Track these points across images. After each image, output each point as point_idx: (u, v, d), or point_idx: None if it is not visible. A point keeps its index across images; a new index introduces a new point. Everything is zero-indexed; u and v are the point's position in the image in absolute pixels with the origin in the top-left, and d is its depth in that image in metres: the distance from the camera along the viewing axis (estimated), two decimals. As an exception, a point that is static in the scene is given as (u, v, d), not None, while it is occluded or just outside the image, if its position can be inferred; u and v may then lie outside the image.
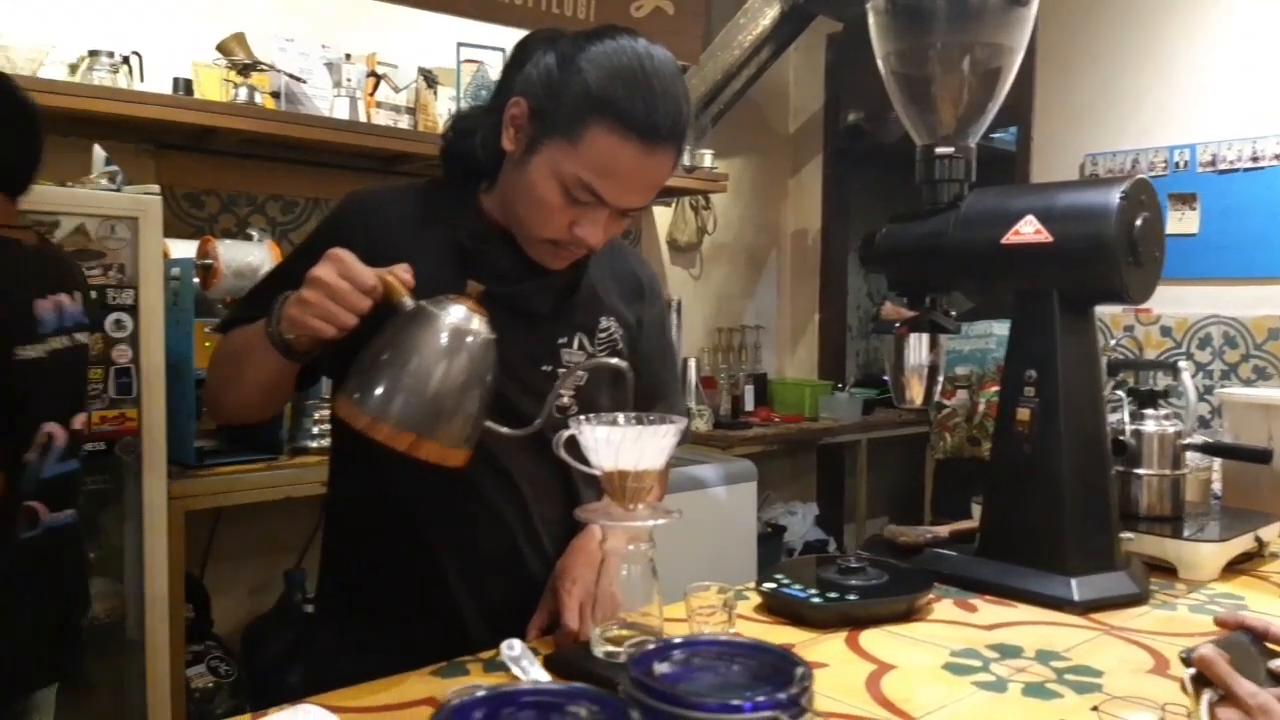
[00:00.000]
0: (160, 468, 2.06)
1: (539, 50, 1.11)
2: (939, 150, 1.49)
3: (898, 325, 1.49)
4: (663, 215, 4.05)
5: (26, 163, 1.61)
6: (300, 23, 2.83)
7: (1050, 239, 1.32)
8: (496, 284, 1.08)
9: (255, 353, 1.07)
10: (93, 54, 2.36)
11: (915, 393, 1.51)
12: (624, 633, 1.03)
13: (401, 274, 1.00)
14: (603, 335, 1.25)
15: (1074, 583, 1.28)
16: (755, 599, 1.30)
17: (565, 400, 1.21)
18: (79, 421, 1.64)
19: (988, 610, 1.29)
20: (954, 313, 1.54)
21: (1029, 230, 1.35)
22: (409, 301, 0.99)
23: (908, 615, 1.25)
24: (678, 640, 0.61)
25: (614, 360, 1.19)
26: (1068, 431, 1.32)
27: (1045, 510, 1.32)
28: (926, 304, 1.51)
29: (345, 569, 1.24)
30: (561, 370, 1.20)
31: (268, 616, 2.70)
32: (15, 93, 1.62)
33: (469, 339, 1.00)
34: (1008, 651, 1.13)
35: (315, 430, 2.52)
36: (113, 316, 2.01)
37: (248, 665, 2.55)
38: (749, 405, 4.15)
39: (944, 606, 1.30)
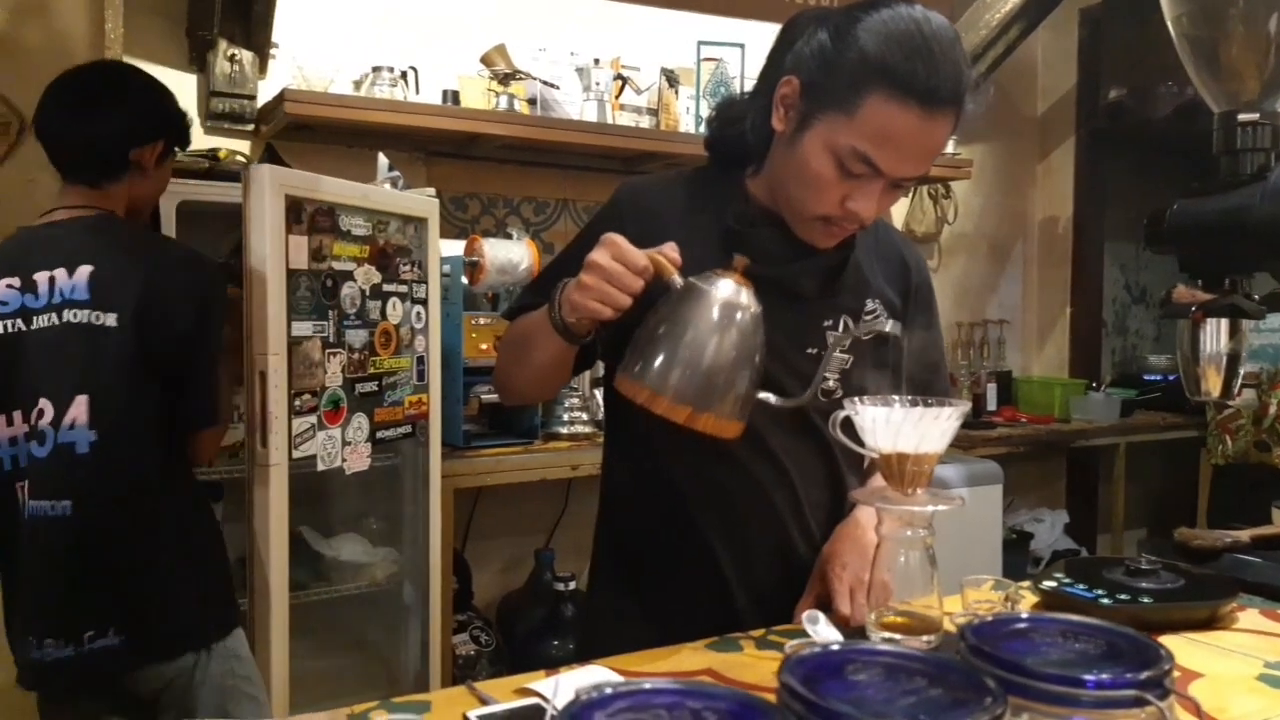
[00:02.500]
0: (438, 448, 2.24)
1: (809, 28, 1.11)
2: (1241, 117, 1.35)
3: (1194, 309, 1.37)
4: (899, 205, 3.93)
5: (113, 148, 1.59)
6: (551, 30, 2.98)
7: (1386, 210, 1.17)
8: (764, 266, 1.08)
9: (538, 337, 1.14)
10: (375, 70, 2.59)
11: (1212, 384, 1.38)
12: (900, 620, 1.01)
13: (669, 253, 1.03)
14: (868, 318, 1.23)
15: None
16: (1029, 598, 1.24)
17: (831, 384, 1.21)
18: (38, 408, 1.47)
19: (1304, 623, 1.16)
20: (1256, 296, 1.40)
21: (1357, 201, 1.20)
22: (678, 279, 1.02)
23: (1209, 623, 1.15)
24: (1025, 614, 0.59)
25: (889, 323, 1.18)
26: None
27: (1378, 515, 1.18)
28: (1225, 286, 1.38)
29: (619, 547, 1.29)
30: (826, 354, 1.19)
31: (520, 592, 2.87)
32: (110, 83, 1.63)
33: (738, 313, 1.02)
34: (1336, 668, 1.01)
35: (566, 417, 2.64)
36: (415, 309, 2.18)
37: (504, 636, 2.72)
38: (991, 404, 3.94)
39: (1250, 616, 1.19)
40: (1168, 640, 1.09)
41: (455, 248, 2.54)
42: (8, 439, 1.48)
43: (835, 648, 0.49)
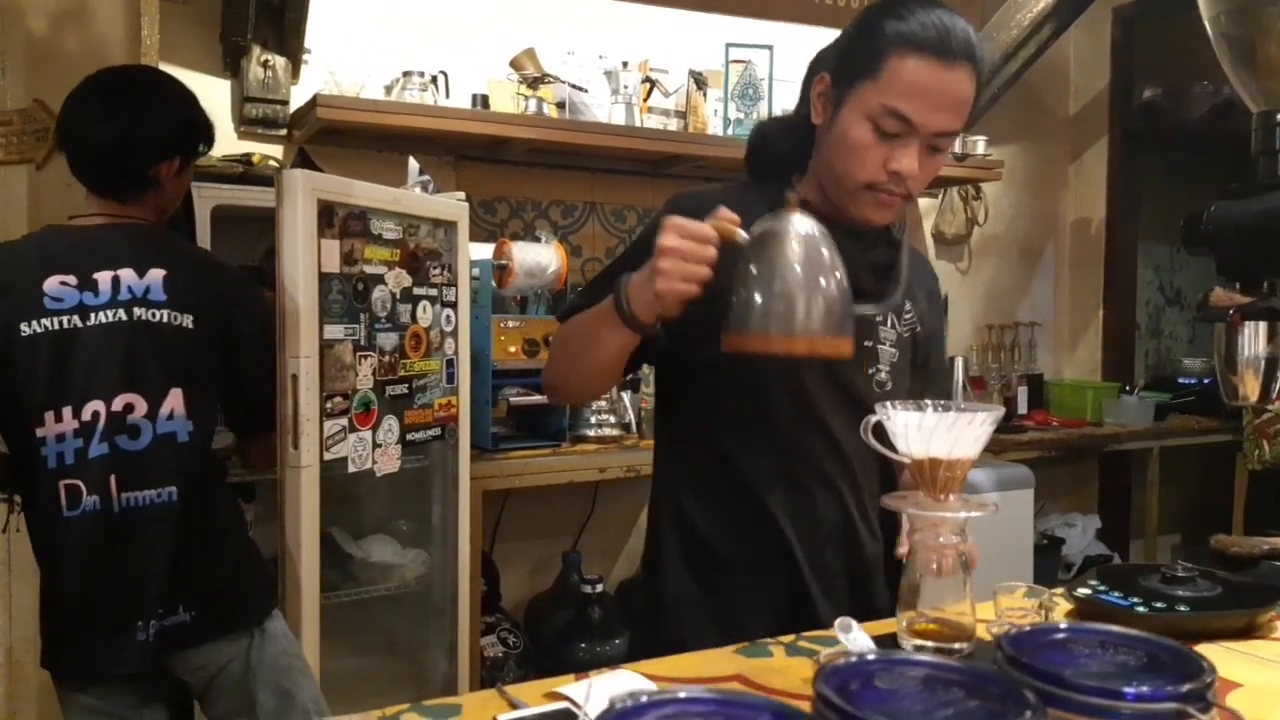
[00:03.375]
0: (467, 451, 2.25)
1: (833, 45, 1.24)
2: (1281, 117, 1.33)
3: (1231, 313, 1.35)
4: (928, 207, 3.90)
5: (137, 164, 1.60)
6: (580, 33, 2.99)
7: None
8: None
9: (601, 332, 1.15)
10: (406, 75, 2.61)
11: (1250, 389, 1.36)
12: (933, 627, 1.00)
13: (726, 215, 1.06)
14: (908, 317, 1.33)
15: None
16: (1063, 605, 1.22)
17: (883, 375, 1.28)
18: (121, 403, 1.50)
19: (1346, 633, 1.14)
20: (1297, 300, 1.38)
21: (1400, 203, 1.18)
22: (743, 234, 1.06)
23: (1248, 632, 1.13)
24: (1064, 625, 0.59)
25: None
26: None
27: None
28: (1264, 289, 1.36)
29: (686, 536, 1.28)
30: (880, 347, 1.27)
31: (548, 594, 2.88)
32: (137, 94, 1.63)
33: (811, 238, 1.04)
34: (1378, 679, 0.99)
35: (594, 420, 2.65)
36: (444, 313, 2.19)
37: (531, 639, 2.72)
38: (1022, 408, 3.91)
39: (1290, 625, 1.17)
40: (1205, 649, 1.08)
41: (484, 251, 2.55)
42: (55, 435, 1.49)
43: (870, 657, 0.49)
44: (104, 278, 1.53)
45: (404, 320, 2.06)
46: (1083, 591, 1.18)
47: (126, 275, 1.54)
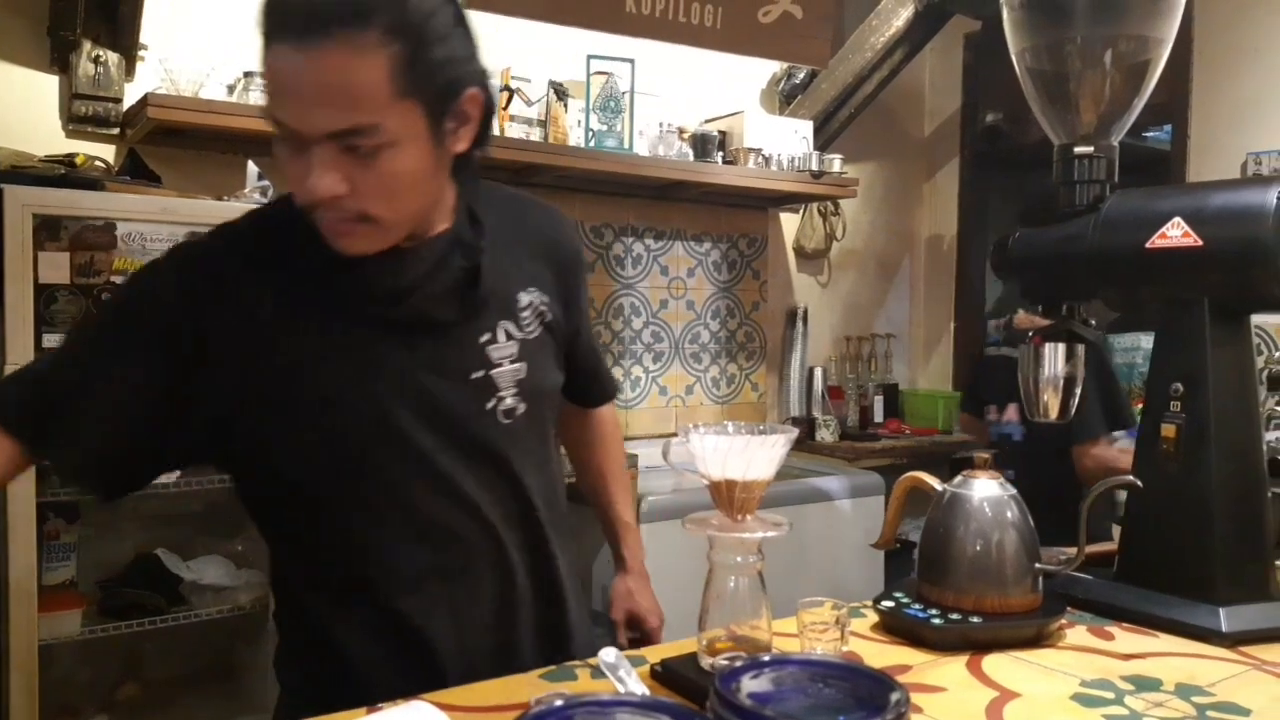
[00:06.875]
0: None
1: None
2: (1078, 150, 1.41)
3: (1031, 335, 1.42)
4: (789, 222, 4.00)
5: None
6: (438, 41, 2.94)
7: (1200, 243, 1.23)
8: (391, 304, 1.02)
9: None
10: (248, 75, 2.51)
11: (1051, 406, 1.44)
12: (730, 645, 1.01)
13: None
14: (527, 312, 1.12)
15: (1222, 613, 1.18)
16: (872, 617, 1.26)
17: (510, 402, 1.09)
18: None
19: (1125, 639, 1.21)
20: (1093, 322, 1.46)
21: (1176, 233, 1.26)
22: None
23: (1037, 641, 1.19)
24: (768, 658, 0.60)
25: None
26: (1218, 450, 1.23)
27: (1192, 534, 1.23)
28: (1063, 313, 1.44)
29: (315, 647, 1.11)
30: (494, 373, 1.08)
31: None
32: None
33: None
34: (1145, 684, 1.05)
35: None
36: None
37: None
38: (878, 416, 4.04)
39: (1077, 633, 1.23)
40: (995, 659, 1.13)
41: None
42: None
43: (559, 703, 0.49)
44: None
45: None
46: (886, 604, 1.22)
47: None
